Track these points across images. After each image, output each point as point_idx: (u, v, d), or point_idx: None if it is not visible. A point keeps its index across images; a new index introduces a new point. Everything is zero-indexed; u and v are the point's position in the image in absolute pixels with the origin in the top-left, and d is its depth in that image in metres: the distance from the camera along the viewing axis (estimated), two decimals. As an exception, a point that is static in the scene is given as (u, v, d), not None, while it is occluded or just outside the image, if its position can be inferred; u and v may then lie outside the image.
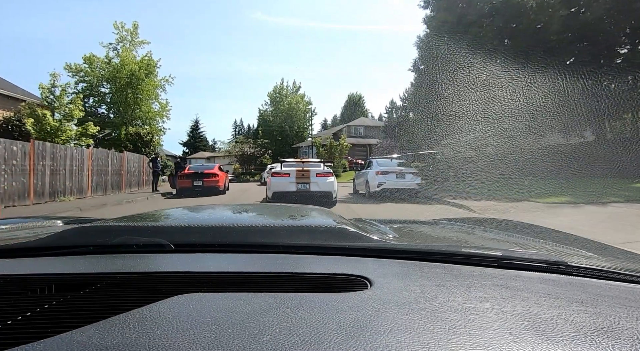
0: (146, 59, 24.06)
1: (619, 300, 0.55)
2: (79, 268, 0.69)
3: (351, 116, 53.76)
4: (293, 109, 46.36)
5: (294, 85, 48.67)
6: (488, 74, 13.16)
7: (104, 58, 23.24)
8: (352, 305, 0.48)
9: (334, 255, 0.77)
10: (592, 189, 9.64)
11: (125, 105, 24.00)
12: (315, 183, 8.84)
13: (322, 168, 9.45)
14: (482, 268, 0.71)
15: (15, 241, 0.88)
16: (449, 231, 1.35)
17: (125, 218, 1.11)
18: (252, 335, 0.39)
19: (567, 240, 1.17)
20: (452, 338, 0.39)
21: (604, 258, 0.83)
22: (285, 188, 8.80)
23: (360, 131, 41.67)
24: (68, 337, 0.38)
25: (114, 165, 13.58)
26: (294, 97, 47.31)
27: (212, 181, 13.00)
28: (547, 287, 0.60)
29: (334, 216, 1.14)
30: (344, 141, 31.15)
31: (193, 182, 12.81)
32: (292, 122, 46.61)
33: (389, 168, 11.03)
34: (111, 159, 13.45)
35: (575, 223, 5.81)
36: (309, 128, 48.81)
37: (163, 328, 0.40)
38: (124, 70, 23.11)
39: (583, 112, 11.26)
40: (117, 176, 13.81)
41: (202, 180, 12.87)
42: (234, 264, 0.74)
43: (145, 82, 24.34)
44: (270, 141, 45.82)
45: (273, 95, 47.65)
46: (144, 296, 0.52)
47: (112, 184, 13.50)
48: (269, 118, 47.53)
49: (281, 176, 9.01)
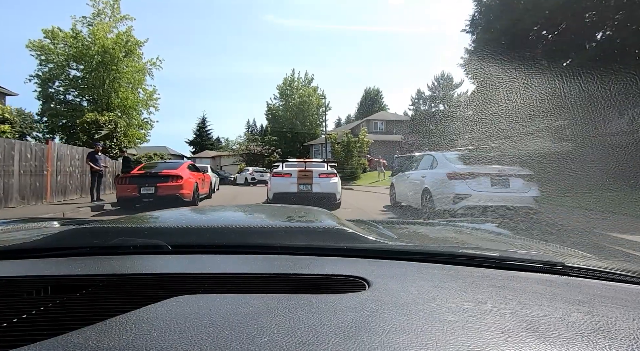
0: (123, 35, 19.68)
1: (616, 300, 0.55)
2: (75, 270, 0.68)
3: (368, 113, 48.33)
4: (305, 102, 41.42)
5: (306, 76, 43.77)
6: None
7: (69, 32, 18.94)
8: (350, 306, 0.48)
9: (332, 256, 0.77)
10: None
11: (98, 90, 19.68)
12: (318, 183, 8.38)
13: (326, 168, 8.93)
14: (479, 269, 0.71)
15: (11, 243, 0.88)
16: (446, 232, 1.36)
17: (122, 219, 1.14)
18: (250, 337, 0.39)
19: (564, 240, 1.28)
20: (450, 338, 0.39)
21: (601, 259, 0.84)
22: (287, 189, 8.33)
23: (381, 126, 36.43)
24: (64, 339, 0.38)
25: (29, 162, 8.97)
26: (305, 89, 42.40)
27: (170, 187, 8.35)
28: (545, 287, 0.60)
29: (332, 217, 1.15)
30: (364, 135, 26.13)
31: (140, 188, 8.21)
32: (304, 118, 41.71)
33: (477, 170, 5.84)
34: (21, 152, 8.83)
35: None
36: (321, 124, 44.05)
37: (160, 330, 0.40)
38: (95, 46, 18.80)
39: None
40: (36, 178, 9.22)
41: (154, 186, 8.25)
42: (232, 265, 0.73)
43: (124, 63, 19.99)
44: (280, 138, 41.11)
45: (283, 88, 42.82)
46: (141, 297, 0.51)
47: (27, 189, 8.92)
48: (278, 113, 42.75)
49: (282, 177, 8.51)
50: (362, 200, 12.01)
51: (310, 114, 42.20)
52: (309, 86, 43.36)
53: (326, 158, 30.32)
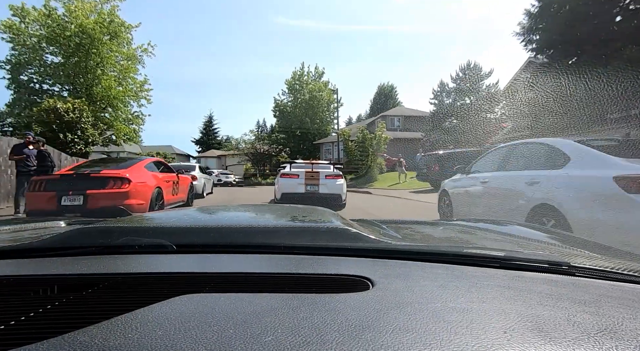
0: (106, 13, 17.03)
1: (622, 301, 0.54)
2: (81, 269, 0.68)
3: (381, 110, 44.66)
4: (315, 98, 38.19)
5: (317, 70, 40.44)
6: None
7: (42, 9, 16.32)
8: (354, 306, 0.48)
9: (336, 256, 0.77)
10: None
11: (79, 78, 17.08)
12: (324, 184, 8.40)
13: (332, 170, 8.94)
14: (484, 269, 0.70)
15: (18, 242, 0.88)
16: (451, 232, 1.35)
17: (127, 219, 1.12)
18: (254, 336, 0.39)
19: (569, 241, 1.16)
20: (454, 338, 0.39)
21: (607, 259, 0.83)
22: (294, 189, 8.35)
23: (398, 122, 33.07)
24: (71, 338, 0.38)
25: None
26: (315, 84, 39.19)
27: (109, 195, 5.48)
28: (550, 288, 0.60)
29: (336, 216, 1.13)
30: (382, 130, 22.96)
31: (61, 198, 5.35)
32: (314, 114, 38.48)
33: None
34: None
35: None
36: (332, 122, 40.65)
37: (165, 329, 0.40)
38: (72, 26, 16.18)
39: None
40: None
41: (83, 194, 5.39)
42: (236, 265, 0.73)
43: (107, 47, 17.35)
44: (288, 136, 38.07)
45: (291, 83, 39.49)
46: (146, 296, 0.51)
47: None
48: (287, 109, 39.68)
49: (290, 177, 8.55)
50: (387, 209, 9.32)
51: (320, 111, 38.94)
52: (319, 80, 40.09)
53: (338, 157, 27.38)
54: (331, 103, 39.39)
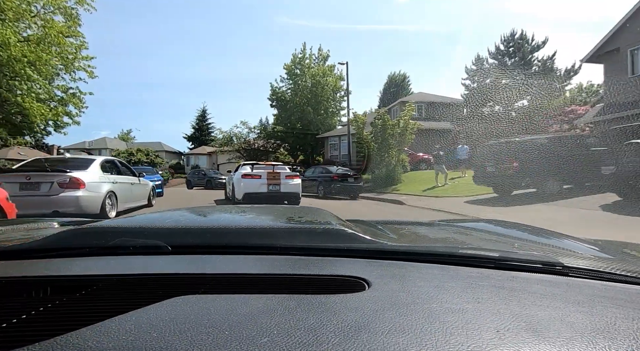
0: None
1: (616, 301, 0.55)
2: (75, 270, 0.68)
3: (392, 101, 38.02)
4: (319, 84, 31.92)
5: (320, 52, 34.21)
6: None
7: None
8: (350, 307, 0.48)
9: (332, 256, 0.77)
10: None
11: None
12: (285, 184, 9.19)
13: (290, 171, 10.00)
14: (479, 269, 0.70)
15: (11, 243, 0.87)
16: (446, 232, 1.36)
17: (122, 220, 1.13)
18: (250, 337, 0.39)
19: (564, 241, 1.17)
20: (450, 339, 0.39)
21: (601, 259, 0.83)
22: (257, 189, 8.94)
23: (420, 110, 27.04)
24: (64, 340, 0.38)
25: None
26: (319, 68, 33.14)
27: None
28: (544, 288, 0.60)
29: (331, 217, 1.13)
30: (410, 114, 16.97)
31: None
32: (317, 104, 32.20)
33: None
34: None
35: None
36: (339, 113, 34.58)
37: (160, 331, 0.40)
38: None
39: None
40: None
41: None
42: (232, 266, 0.73)
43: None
44: (287, 129, 32.15)
45: (291, 67, 33.19)
46: (140, 298, 0.51)
47: None
48: (285, 97, 33.69)
49: (252, 178, 9.09)
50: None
51: (325, 99, 32.68)
52: (323, 64, 34.00)
53: (348, 153, 21.60)
54: (337, 91, 33.35)
